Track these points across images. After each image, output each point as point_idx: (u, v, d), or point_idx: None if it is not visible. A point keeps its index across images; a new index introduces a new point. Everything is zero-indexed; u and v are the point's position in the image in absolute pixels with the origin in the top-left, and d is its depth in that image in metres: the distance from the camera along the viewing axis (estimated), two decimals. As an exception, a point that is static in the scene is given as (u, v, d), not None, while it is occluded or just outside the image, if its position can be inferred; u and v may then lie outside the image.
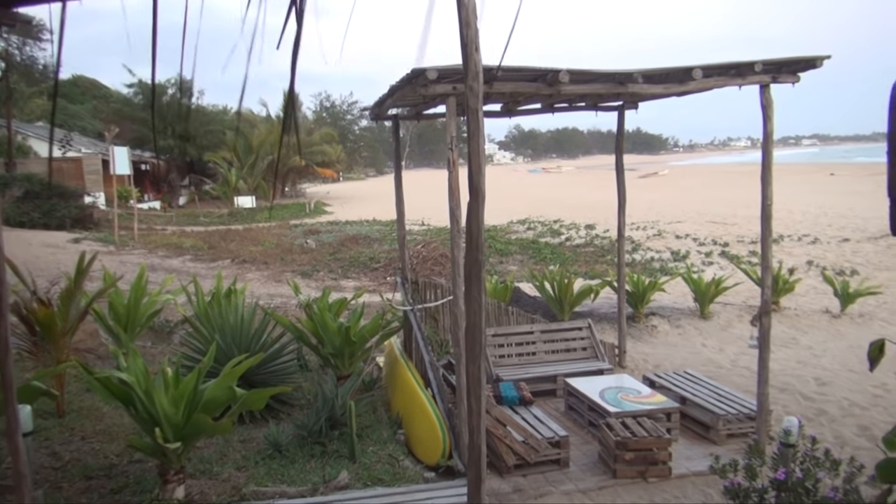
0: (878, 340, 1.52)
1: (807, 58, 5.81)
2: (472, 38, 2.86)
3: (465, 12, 2.87)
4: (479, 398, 3.19)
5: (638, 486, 5.67)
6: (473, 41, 2.90)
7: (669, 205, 33.39)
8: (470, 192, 3.12)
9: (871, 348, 1.55)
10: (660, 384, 7.37)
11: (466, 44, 2.93)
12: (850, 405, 7.44)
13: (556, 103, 7.70)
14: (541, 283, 11.16)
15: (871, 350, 1.55)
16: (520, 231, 25.34)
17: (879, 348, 1.56)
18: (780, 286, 12.01)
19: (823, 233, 21.45)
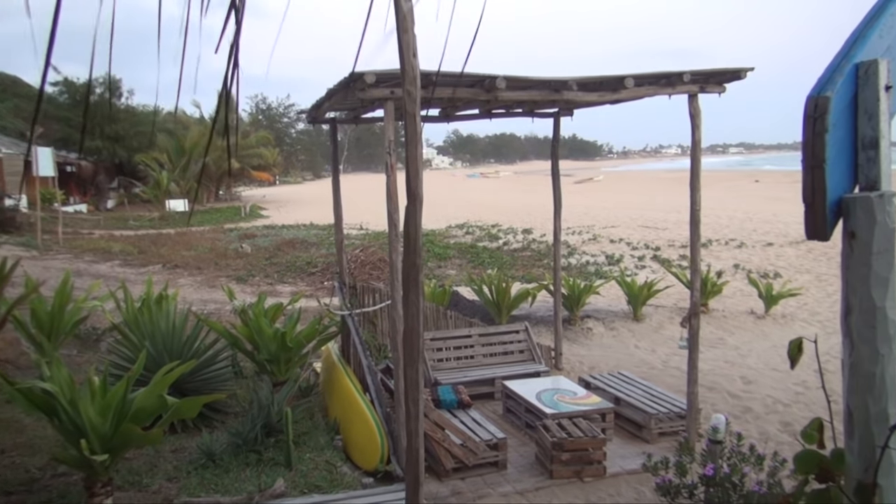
0: (796, 339, 1.59)
1: (732, 69, 6.05)
2: (409, 44, 2.87)
3: (403, 18, 2.88)
4: (417, 402, 3.19)
5: (574, 485, 5.77)
6: (411, 46, 2.91)
7: (604, 210, 34.14)
8: (408, 196, 3.12)
9: (791, 347, 1.62)
10: (595, 385, 7.52)
11: (404, 49, 2.94)
12: (773, 402, 7.76)
13: (493, 109, 7.79)
14: (479, 287, 11.24)
15: (790, 349, 1.62)
16: (458, 235, 25.47)
17: (798, 347, 1.62)
18: (709, 289, 12.43)
19: (749, 237, 22.31)
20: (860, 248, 1.38)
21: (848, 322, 1.43)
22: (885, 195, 1.38)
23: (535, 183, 61.50)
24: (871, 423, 1.43)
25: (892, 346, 1.41)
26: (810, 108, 1.39)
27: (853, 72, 1.44)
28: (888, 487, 1.44)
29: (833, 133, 1.39)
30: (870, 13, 1.58)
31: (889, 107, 1.48)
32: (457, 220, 30.44)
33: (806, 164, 1.41)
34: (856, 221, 1.39)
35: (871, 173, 1.45)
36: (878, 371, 1.40)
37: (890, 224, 1.37)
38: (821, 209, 1.40)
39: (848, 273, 1.42)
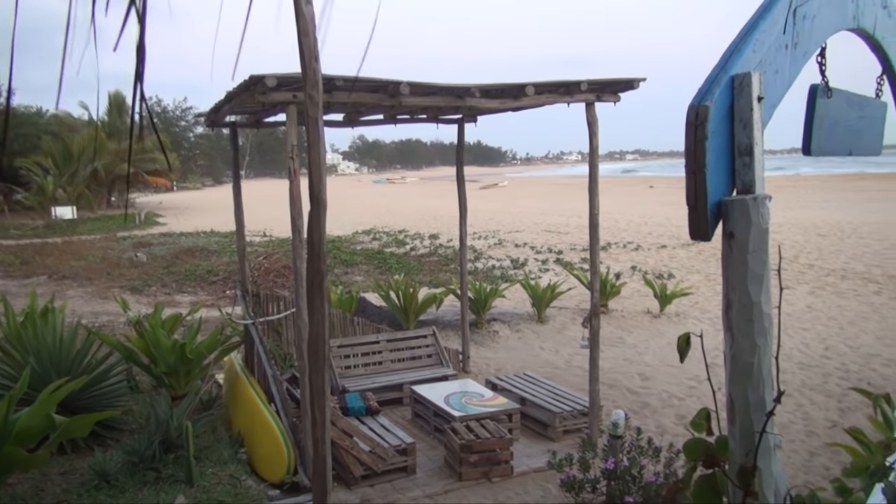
0: (683, 334, 1.68)
1: (626, 79, 6.32)
2: (310, 48, 2.84)
3: (304, 22, 2.85)
4: (324, 409, 3.15)
5: (482, 486, 5.85)
6: (312, 50, 2.88)
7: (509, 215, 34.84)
8: (311, 201, 3.08)
9: (679, 342, 1.70)
10: (501, 387, 7.66)
11: (305, 53, 2.90)
12: (669, 397, 8.14)
13: (398, 114, 7.81)
14: (386, 292, 11.21)
15: (678, 343, 1.70)
16: (365, 241, 25.32)
17: (685, 341, 1.71)
18: (608, 290, 12.91)
19: (645, 240, 23.33)
20: (738, 247, 1.48)
21: (728, 316, 1.53)
22: (759, 198, 1.49)
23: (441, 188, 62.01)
24: (751, 410, 1.53)
25: (767, 338, 1.52)
26: (691, 117, 1.48)
27: (729, 83, 1.55)
28: (766, 470, 1.54)
29: (712, 140, 1.49)
30: (744, 29, 1.69)
31: (762, 116, 1.60)
32: (363, 226, 30.28)
33: (689, 169, 1.50)
34: (734, 222, 1.49)
35: (747, 178, 1.56)
36: (755, 361, 1.51)
37: (763, 224, 1.48)
38: (703, 211, 1.49)
39: (727, 271, 1.52)
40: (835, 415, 7.55)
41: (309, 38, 2.85)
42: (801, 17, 1.91)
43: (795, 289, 15.16)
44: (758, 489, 1.51)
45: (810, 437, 6.92)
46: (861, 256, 18.73)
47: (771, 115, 1.78)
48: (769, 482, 1.56)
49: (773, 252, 1.54)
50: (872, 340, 10.77)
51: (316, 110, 2.98)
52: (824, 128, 2.37)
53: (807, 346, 10.50)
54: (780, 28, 1.77)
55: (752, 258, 1.47)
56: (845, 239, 21.92)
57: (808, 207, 34.35)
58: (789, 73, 1.88)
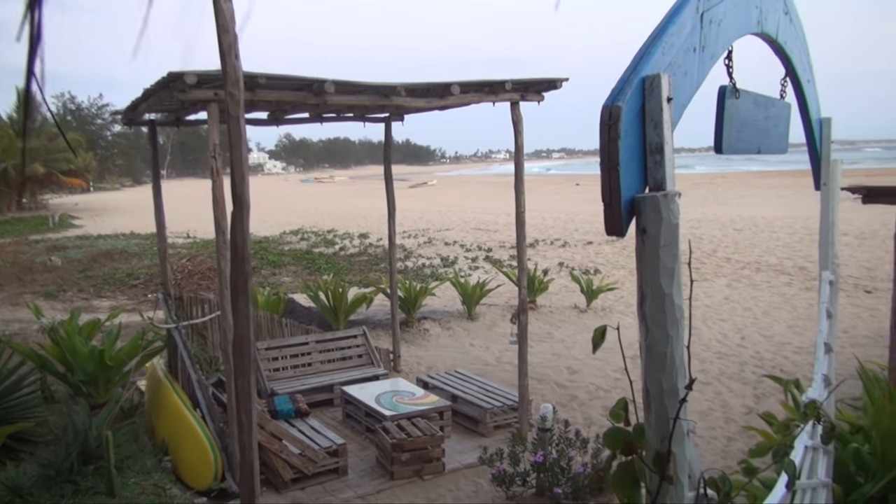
0: (600, 327, 1.74)
1: (549, 79, 6.45)
2: (230, 44, 2.79)
3: (223, 18, 2.79)
4: (250, 413, 3.09)
5: (414, 484, 5.86)
6: (232, 47, 2.82)
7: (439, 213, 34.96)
8: (234, 201, 3.02)
9: (595, 334, 1.76)
10: (433, 385, 7.69)
11: (225, 50, 2.85)
12: (596, 389, 8.36)
13: (324, 113, 7.73)
14: (315, 293, 11.08)
15: (594, 336, 1.76)
16: (293, 242, 24.93)
17: (601, 334, 1.77)
18: (536, 286, 13.14)
19: (571, 237, 23.83)
20: (650, 242, 1.54)
21: (643, 309, 1.59)
22: (669, 194, 1.56)
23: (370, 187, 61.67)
24: (665, 398, 1.60)
25: (679, 329, 1.58)
26: (605, 117, 1.53)
27: (640, 84, 1.61)
28: (680, 454, 1.61)
29: (625, 139, 1.54)
30: (654, 32, 1.76)
31: (671, 116, 1.67)
32: (291, 227, 29.80)
33: (603, 167, 1.55)
34: (646, 218, 1.55)
35: (658, 175, 1.62)
36: (668, 351, 1.57)
37: (673, 220, 1.55)
38: (617, 208, 1.55)
39: (641, 265, 1.58)
40: (750, 401, 7.91)
41: (228, 35, 2.79)
42: (708, 21, 2.00)
43: (714, 281, 15.80)
44: (673, 473, 1.58)
45: (728, 424, 7.23)
46: (773, 250, 19.69)
47: (681, 115, 1.86)
48: (683, 466, 1.63)
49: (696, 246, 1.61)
50: (784, 329, 11.34)
51: (237, 108, 2.93)
52: (734, 127, 2.49)
53: (724, 337, 10.96)
54: (687, 31, 1.85)
55: (663, 252, 1.53)
56: (759, 233, 22.99)
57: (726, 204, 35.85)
58: (698, 74, 1.97)
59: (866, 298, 13.44)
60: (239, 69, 2.89)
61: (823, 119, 3.47)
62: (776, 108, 2.94)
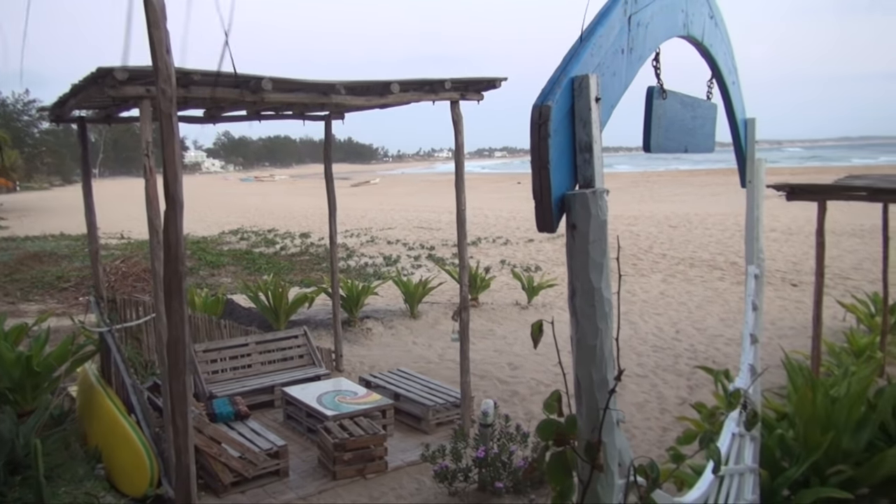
0: (537, 322, 1.78)
1: (489, 78, 6.51)
2: (160, 40, 2.73)
3: (153, 13, 2.73)
4: (185, 416, 3.04)
5: (357, 484, 5.84)
6: (163, 42, 2.76)
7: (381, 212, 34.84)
8: (166, 201, 2.96)
9: (532, 329, 1.80)
10: (375, 384, 7.67)
11: (156, 45, 2.78)
12: (537, 384, 8.48)
13: (262, 111, 7.61)
14: (255, 293, 10.91)
15: (532, 331, 1.80)
16: (233, 242, 24.47)
17: (538, 328, 1.81)
18: (478, 284, 13.24)
19: (513, 235, 24.10)
20: (580, 238, 1.59)
21: (573, 303, 1.64)
22: (598, 192, 1.61)
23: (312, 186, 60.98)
24: (595, 389, 1.65)
25: (608, 322, 1.64)
26: (535, 116, 1.57)
27: (569, 85, 1.65)
28: (610, 443, 1.67)
29: (555, 138, 1.58)
30: (583, 34, 1.81)
31: (600, 116, 1.72)
32: (231, 226, 29.24)
33: (534, 165, 1.59)
34: (575, 215, 1.59)
35: (587, 173, 1.67)
36: (598, 344, 1.63)
37: (602, 216, 1.60)
38: (547, 205, 1.59)
39: (571, 260, 1.62)
40: (684, 392, 8.17)
41: (159, 30, 2.73)
42: (636, 24, 2.06)
43: (650, 277, 16.22)
44: (603, 462, 1.63)
45: (664, 414, 7.45)
46: (707, 245, 20.35)
47: (610, 114, 1.91)
48: (613, 455, 1.68)
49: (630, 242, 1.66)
50: (716, 322, 11.74)
51: (169, 106, 2.87)
52: (662, 126, 2.57)
53: (660, 330, 11.27)
54: (616, 34, 1.91)
55: (592, 248, 1.58)
56: (693, 230, 23.71)
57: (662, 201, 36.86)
58: (626, 75, 2.03)
59: (792, 291, 14.04)
60: (171, 65, 2.83)
61: (748, 119, 3.61)
62: (703, 108, 3.05)
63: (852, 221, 22.65)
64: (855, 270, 15.91)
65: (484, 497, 5.45)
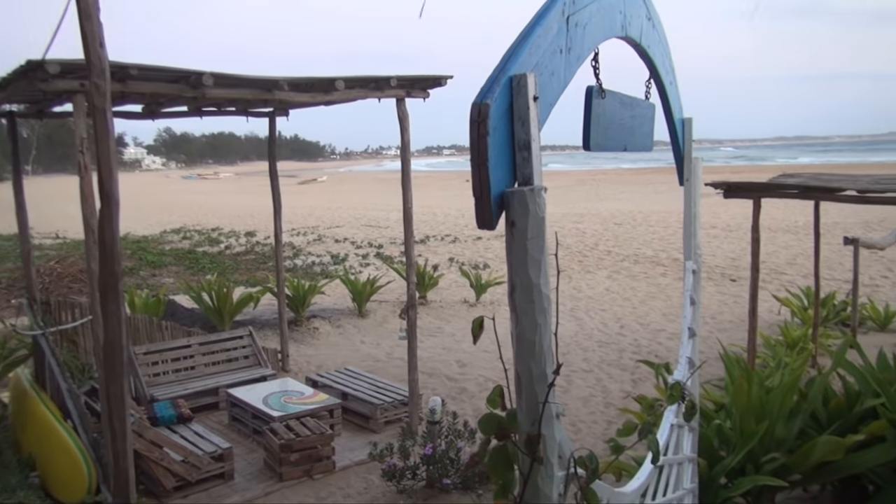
0: (477, 318, 1.79)
1: (434, 76, 6.52)
2: (93, 32, 2.65)
3: (85, 4, 2.64)
4: (124, 420, 2.96)
5: (304, 484, 5.79)
6: (96, 35, 2.68)
7: (329, 210, 34.53)
8: (102, 199, 2.88)
9: (473, 325, 1.81)
10: (322, 383, 7.61)
11: (89, 38, 2.70)
12: (485, 380, 8.55)
13: (203, 107, 7.45)
14: (198, 294, 10.68)
15: (472, 327, 1.81)
16: (175, 241, 23.89)
17: (479, 324, 1.83)
18: (426, 282, 13.26)
19: (462, 232, 24.19)
20: (518, 234, 1.61)
21: (513, 299, 1.66)
22: (536, 189, 1.63)
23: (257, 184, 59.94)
24: (535, 383, 1.67)
25: (547, 317, 1.66)
26: (474, 114, 1.58)
27: (508, 83, 1.67)
28: (550, 436, 1.70)
29: (493, 136, 1.60)
30: (521, 34, 1.83)
31: (538, 114, 1.74)
32: (173, 225, 28.55)
33: (473, 163, 1.60)
34: (514, 212, 1.61)
35: (526, 171, 1.69)
36: (537, 339, 1.65)
37: (540, 213, 1.62)
38: (487, 202, 1.60)
39: (511, 257, 1.64)
40: (628, 385, 8.35)
41: (92, 22, 2.65)
42: (574, 24, 2.10)
43: (596, 273, 16.51)
44: (543, 454, 1.66)
45: (608, 408, 7.60)
46: (650, 242, 20.82)
47: (548, 113, 1.94)
48: (553, 447, 1.71)
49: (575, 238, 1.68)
50: (659, 317, 12.03)
51: (103, 100, 2.78)
52: (601, 125, 2.62)
53: (605, 326, 11.49)
54: (554, 34, 1.93)
55: (531, 244, 1.61)
56: (637, 227, 24.23)
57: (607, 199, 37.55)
58: (564, 75, 2.06)
59: (731, 286, 14.49)
60: (105, 58, 2.75)
61: (685, 119, 3.71)
62: (641, 108, 3.12)
63: (787, 218, 23.51)
64: (790, 265, 16.52)
65: (432, 494, 5.47)
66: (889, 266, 14.97)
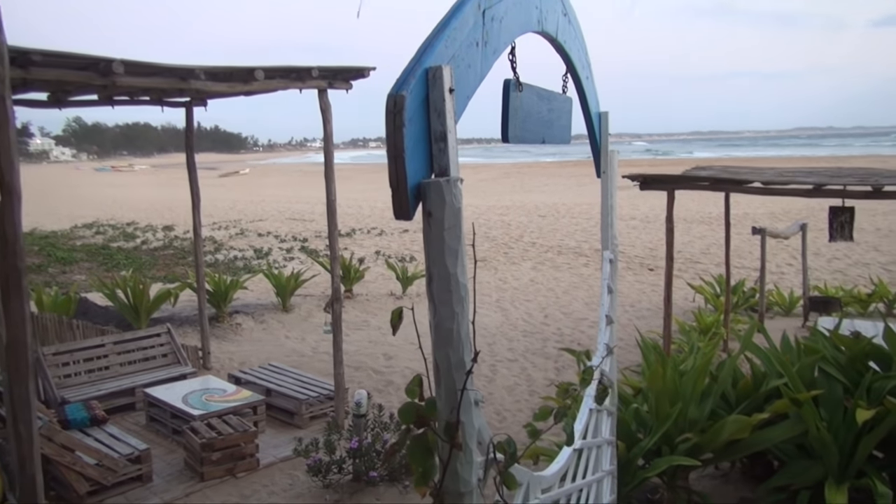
0: (396, 309, 1.80)
1: (357, 67, 6.47)
2: (-11, 15, 2.50)
3: (-20, -17, 2.49)
4: (30, 423, 2.83)
5: (227, 483, 5.67)
6: (-7, 18, 2.54)
7: (252, 204, 33.79)
8: (2, 192, 2.73)
9: (392, 316, 1.82)
10: (245, 380, 7.46)
11: (-16, 20, 2.55)
12: (411, 373, 8.57)
13: (115, 95, 7.15)
14: (111, 291, 10.27)
15: (391, 318, 1.82)
16: (87, 236, 22.89)
17: (398, 315, 1.83)
18: (352, 275, 13.18)
19: (388, 225, 24.14)
20: (435, 225, 1.62)
21: (431, 288, 1.67)
22: (452, 180, 1.65)
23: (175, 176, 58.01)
24: (453, 371, 1.70)
25: (464, 306, 1.69)
26: (390, 105, 1.58)
27: (424, 75, 1.68)
28: (469, 423, 1.72)
29: (409, 127, 1.60)
30: (438, 26, 1.84)
31: (454, 106, 1.76)
32: (85, 219, 27.34)
33: (389, 154, 1.60)
34: (431, 203, 1.62)
35: (443, 162, 1.70)
36: (455, 327, 1.67)
37: (456, 204, 1.64)
38: (403, 193, 1.61)
39: (428, 247, 1.65)
40: (552, 373, 8.55)
41: (-13, 5, 2.50)
42: (490, 18, 2.13)
43: (521, 265, 16.79)
44: (462, 441, 1.69)
45: (532, 396, 7.76)
46: (573, 234, 21.33)
47: (465, 105, 1.96)
48: (472, 433, 1.74)
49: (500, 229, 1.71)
50: (581, 306, 12.35)
51: (3, 87, 2.64)
52: (519, 118, 2.66)
53: (530, 316, 11.71)
54: (470, 27, 1.95)
55: (447, 234, 1.62)
56: (560, 219, 24.76)
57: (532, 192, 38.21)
58: (481, 68, 2.09)
59: (649, 276, 15.01)
60: (3, 43, 2.61)
61: (602, 113, 3.81)
62: (559, 101, 3.19)
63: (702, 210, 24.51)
64: (704, 255, 17.26)
65: (358, 487, 5.45)
66: (793, 254, 15.83)
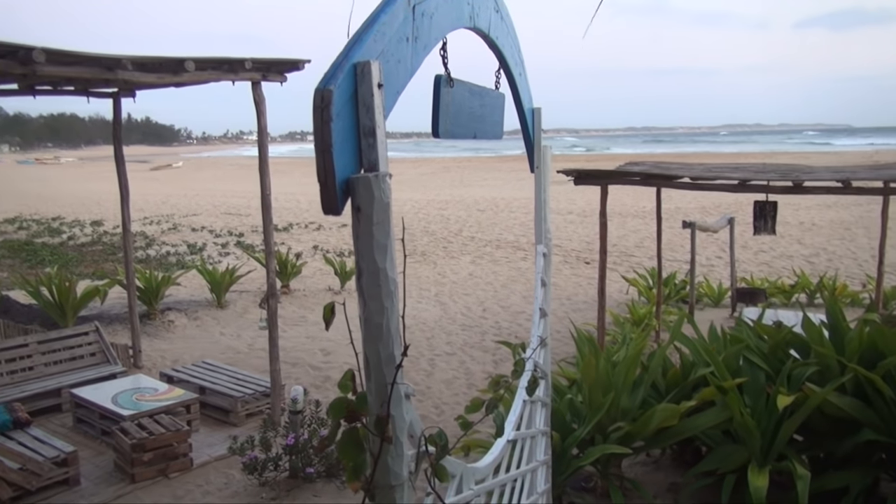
0: (328, 303, 1.79)
1: (291, 60, 6.38)
2: None
3: None
4: (-57, 427, 2.69)
5: (160, 484, 5.55)
6: None
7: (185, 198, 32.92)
8: None
9: (324, 311, 1.81)
10: (178, 378, 7.29)
11: None
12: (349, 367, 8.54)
13: (37, 84, 6.86)
14: (35, 288, 9.85)
15: (324, 313, 1.82)
16: (9, 232, 21.89)
17: (330, 310, 1.83)
18: (289, 270, 13.00)
19: (326, 220, 23.87)
20: (364, 220, 1.63)
21: (360, 283, 1.68)
22: (381, 175, 1.65)
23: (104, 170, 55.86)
24: (383, 365, 1.71)
25: (394, 300, 1.70)
26: (317, 100, 1.58)
27: (352, 70, 1.67)
28: (399, 416, 1.74)
29: (337, 122, 1.60)
30: (367, 21, 1.84)
31: (383, 101, 1.77)
32: (6, 214, 26.14)
33: (317, 148, 1.59)
34: (360, 198, 1.63)
35: (371, 157, 1.71)
36: (384, 322, 1.68)
37: (385, 199, 1.65)
38: (332, 188, 1.61)
39: (357, 242, 1.66)
40: (490, 367, 8.64)
41: None
42: (421, 13, 2.13)
43: (460, 259, 16.88)
44: (392, 434, 1.70)
45: (470, 389, 7.83)
46: (512, 228, 21.56)
47: (395, 100, 1.97)
48: (402, 427, 1.76)
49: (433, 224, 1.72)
50: (519, 300, 12.51)
51: None
52: (450, 113, 2.68)
53: (469, 310, 11.80)
54: (400, 22, 1.96)
55: (376, 229, 1.63)
56: (499, 213, 24.99)
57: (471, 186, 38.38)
58: (412, 63, 2.09)
59: (586, 269, 15.32)
60: None
61: (535, 108, 3.87)
62: (491, 97, 3.22)
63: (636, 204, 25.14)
64: (638, 248, 17.71)
65: (295, 484, 5.41)
66: (722, 247, 16.41)
